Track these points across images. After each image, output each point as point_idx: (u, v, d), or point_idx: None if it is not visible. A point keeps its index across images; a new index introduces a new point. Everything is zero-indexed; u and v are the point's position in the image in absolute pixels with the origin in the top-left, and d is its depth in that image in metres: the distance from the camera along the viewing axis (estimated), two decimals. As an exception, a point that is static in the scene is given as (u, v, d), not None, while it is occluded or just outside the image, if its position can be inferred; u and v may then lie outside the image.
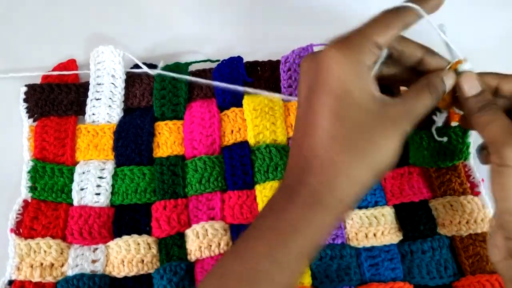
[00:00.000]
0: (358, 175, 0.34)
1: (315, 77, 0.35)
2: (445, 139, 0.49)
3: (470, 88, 0.40)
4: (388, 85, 0.44)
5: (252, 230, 0.35)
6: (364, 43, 0.35)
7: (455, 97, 0.42)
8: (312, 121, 0.35)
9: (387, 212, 0.49)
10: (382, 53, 0.39)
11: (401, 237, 0.48)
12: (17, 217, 0.48)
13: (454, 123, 0.50)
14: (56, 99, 0.54)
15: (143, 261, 0.47)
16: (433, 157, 0.50)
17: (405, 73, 0.42)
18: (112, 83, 0.55)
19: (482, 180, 0.50)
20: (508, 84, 0.41)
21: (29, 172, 0.50)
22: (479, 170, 0.50)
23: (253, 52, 0.56)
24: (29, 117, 0.54)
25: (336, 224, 0.35)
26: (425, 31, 0.39)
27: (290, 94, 0.53)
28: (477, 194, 0.49)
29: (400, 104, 0.37)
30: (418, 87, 0.39)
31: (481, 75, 0.41)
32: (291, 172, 0.36)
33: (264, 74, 0.55)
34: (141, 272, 0.46)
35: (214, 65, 0.56)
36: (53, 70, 0.57)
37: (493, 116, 0.39)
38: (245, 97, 0.53)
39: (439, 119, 0.47)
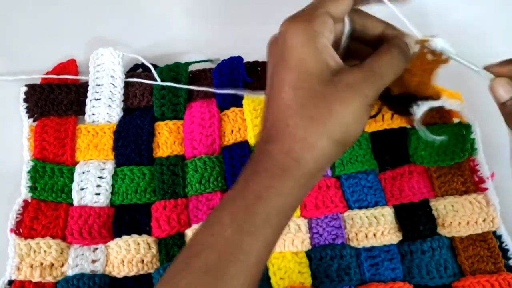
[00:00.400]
0: (314, 141, 0.34)
1: (277, 54, 0.36)
2: (441, 138, 0.44)
3: (504, 92, 0.38)
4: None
5: (220, 203, 0.36)
6: (316, 13, 0.36)
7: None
8: (273, 95, 0.36)
9: (387, 212, 0.49)
10: (345, 26, 0.39)
11: (401, 237, 0.48)
12: (17, 217, 0.48)
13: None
14: (56, 99, 0.54)
15: (143, 261, 0.47)
16: (432, 156, 0.50)
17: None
18: (112, 83, 0.55)
19: (492, 175, 0.49)
20: None
21: (29, 172, 0.50)
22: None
23: (253, 52, 0.56)
24: (29, 117, 0.54)
25: (302, 191, 0.36)
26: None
27: None
28: (483, 190, 0.49)
29: (358, 69, 0.36)
30: (379, 50, 0.38)
31: None
32: (257, 145, 0.37)
33: (264, 74, 0.55)
34: (141, 272, 0.46)
35: (214, 65, 0.56)
36: (53, 70, 0.57)
37: None
38: (245, 97, 0.53)
39: (418, 111, 0.42)
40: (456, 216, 0.48)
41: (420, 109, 0.41)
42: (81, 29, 0.61)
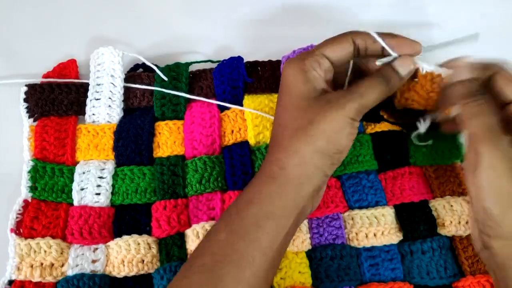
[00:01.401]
0: (297, 149, 0.39)
1: (280, 87, 0.43)
2: (429, 142, 0.49)
3: (457, 73, 0.42)
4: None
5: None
6: (311, 54, 0.42)
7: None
8: (274, 118, 0.43)
9: (387, 212, 0.49)
10: (349, 64, 0.44)
11: (401, 237, 0.48)
12: (17, 217, 0.48)
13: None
14: (56, 99, 0.54)
15: (143, 261, 0.47)
16: (432, 155, 0.51)
17: None
18: (112, 83, 0.55)
19: None
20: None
21: (29, 172, 0.50)
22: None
23: (253, 52, 0.56)
24: (29, 117, 0.54)
25: (291, 197, 0.39)
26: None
27: None
28: None
29: (343, 91, 0.41)
30: (367, 77, 0.42)
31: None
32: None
33: (264, 74, 0.55)
34: (141, 272, 0.46)
35: (214, 65, 0.56)
36: (53, 70, 0.57)
37: (477, 109, 0.40)
38: (246, 97, 0.53)
39: (422, 126, 0.47)
40: (455, 215, 0.48)
41: (424, 125, 0.47)
42: (82, 30, 0.61)
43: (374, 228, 0.48)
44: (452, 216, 0.48)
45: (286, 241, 0.40)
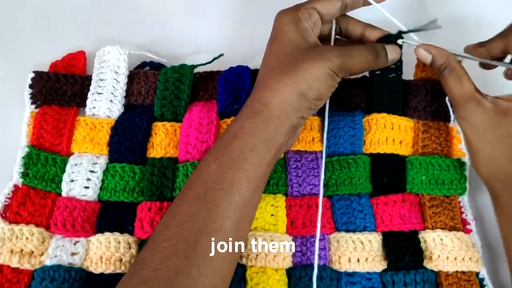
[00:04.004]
0: (281, 88, 0.43)
1: (270, 35, 0.48)
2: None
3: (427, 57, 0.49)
4: None
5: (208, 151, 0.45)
6: (303, 6, 0.47)
7: None
8: (263, 61, 0.47)
9: (374, 239, 0.48)
10: (332, 24, 0.50)
11: (385, 266, 0.47)
12: (5, 201, 0.49)
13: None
14: (61, 89, 0.54)
15: (121, 260, 0.46)
16: (431, 184, 0.50)
17: None
18: (115, 79, 0.55)
19: (474, 219, 0.49)
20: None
21: (23, 158, 0.50)
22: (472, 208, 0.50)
23: (256, 52, 0.56)
24: (32, 103, 0.54)
25: (271, 132, 0.43)
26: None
27: None
28: (468, 231, 0.48)
29: (334, 47, 0.48)
30: (360, 45, 0.48)
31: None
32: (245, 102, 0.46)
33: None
34: (118, 271, 0.46)
35: (221, 67, 0.56)
36: (62, 59, 0.58)
37: (453, 77, 0.47)
38: None
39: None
40: (445, 250, 0.47)
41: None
42: (86, 30, 0.61)
43: (358, 253, 0.47)
44: (441, 250, 0.47)
45: (268, 170, 0.45)
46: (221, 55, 0.56)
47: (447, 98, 0.48)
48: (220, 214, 0.40)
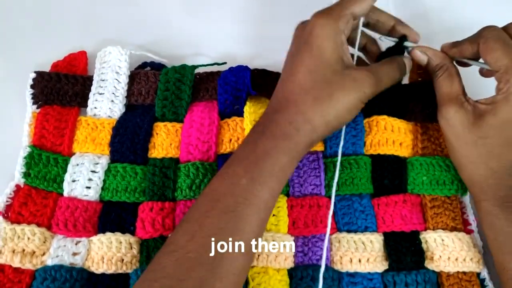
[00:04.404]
0: (312, 117, 0.43)
1: (303, 39, 0.46)
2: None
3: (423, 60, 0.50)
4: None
5: (232, 159, 0.44)
6: (343, 13, 0.45)
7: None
8: (291, 72, 0.45)
9: (375, 239, 0.48)
10: (359, 21, 0.49)
11: (386, 267, 0.47)
12: (7, 201, 0.48)
13: None
14: (62, 89, 0.54)
15: (122, 260, 0.47)
16: (431, 185, 0.50)
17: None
18: (116, 79, 0.55)
19: (476, 219, 0.49)
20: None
21: (25, 157, 0.50)
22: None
23: (258, 52, 0.56)
24: (33, 103, 0.54)
25: (297, 156, 0.44)
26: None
27: None
28: (469, 232, 0.48)
29: (364, 69, 0.46)
30: (384, 61, 0.48)
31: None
32: (266, 113, 0.46)
33: (270, 85, 0.54)
34: (119, 271, 0.46)
35: (222, 67, 0.56)
36: (64, 59, 0.58)
37: (445, 76, 0.48)
38: (248, 104, 0.53)
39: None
40: (446, 251, 0.47)
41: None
42: (87, 31, 0.62)
43: (359, 253, 0.47)
44: (442, 250, 0.47)
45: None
46: (224, 63, 0.56)
47: None
48: (247, 229, 0.40)
